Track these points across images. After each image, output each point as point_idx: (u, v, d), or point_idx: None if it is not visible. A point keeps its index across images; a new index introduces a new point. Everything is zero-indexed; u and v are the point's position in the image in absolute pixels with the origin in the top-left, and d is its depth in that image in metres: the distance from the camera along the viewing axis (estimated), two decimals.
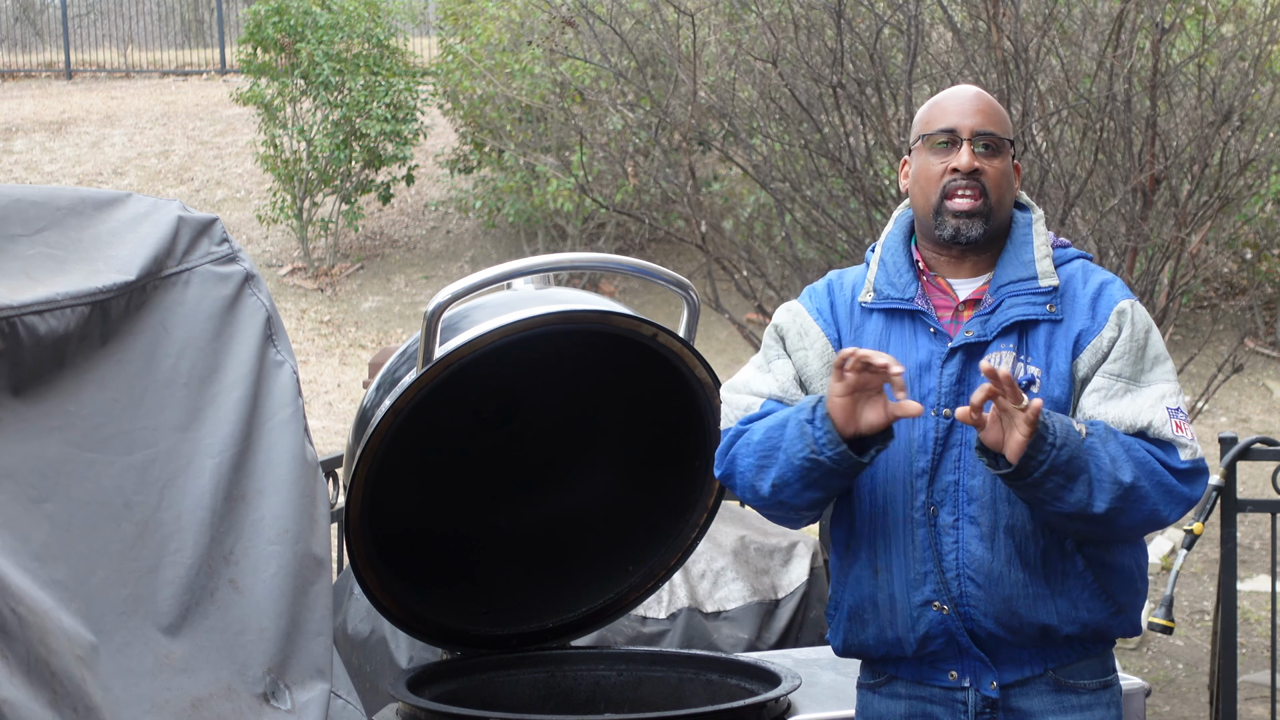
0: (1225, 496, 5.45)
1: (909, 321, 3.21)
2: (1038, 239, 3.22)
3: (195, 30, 25.61)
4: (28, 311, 2.66)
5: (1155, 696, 7.08)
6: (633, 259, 3.80)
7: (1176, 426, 3.09)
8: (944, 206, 3.17)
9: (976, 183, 3.16)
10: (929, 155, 3.20)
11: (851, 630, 3.26)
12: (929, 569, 3.14)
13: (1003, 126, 3.21)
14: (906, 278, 3.23)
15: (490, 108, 14.04)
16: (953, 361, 3.15)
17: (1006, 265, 3.20)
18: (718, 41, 8.46)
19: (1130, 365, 3.12)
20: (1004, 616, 3.12)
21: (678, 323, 3.73)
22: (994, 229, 3.19)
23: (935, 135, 3.20)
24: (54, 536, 2.62)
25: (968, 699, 3.17)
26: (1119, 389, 3.10)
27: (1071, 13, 7.56)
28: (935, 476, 3.13)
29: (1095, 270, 3.23)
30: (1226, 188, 7.54)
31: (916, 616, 3.15)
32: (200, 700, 2.70)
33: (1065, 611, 3.13)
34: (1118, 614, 3.17)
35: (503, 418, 3.90)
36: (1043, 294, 3.16)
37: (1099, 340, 3.13)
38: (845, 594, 3.25)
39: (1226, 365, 8.47)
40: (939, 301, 3.22)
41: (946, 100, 3.25)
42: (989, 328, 3.14)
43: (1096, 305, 3.16)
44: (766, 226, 11.03)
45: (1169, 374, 3.15)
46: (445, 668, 3.76)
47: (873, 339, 3.23)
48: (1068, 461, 2.96)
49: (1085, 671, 3.19)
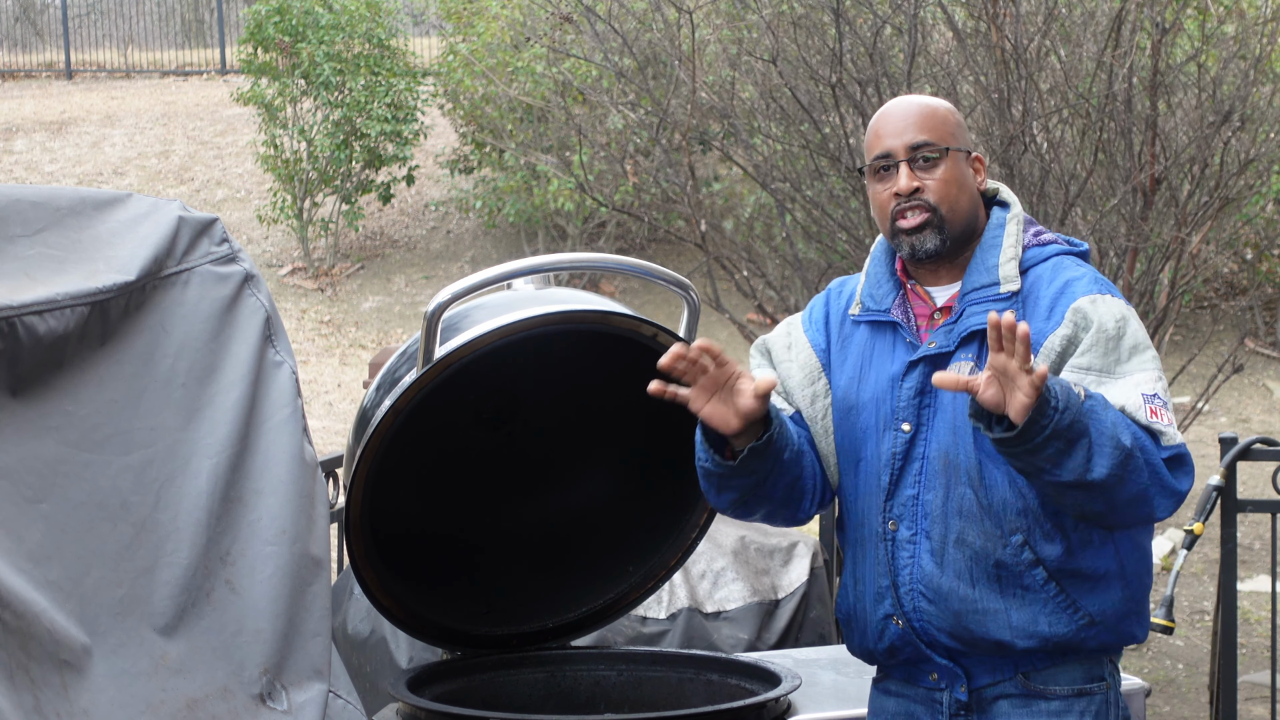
0: (1225, 496, 5.45)
1: (890, 333, 3.21)
2: (1006, 240, 3.17)
3: (195, 30, 25.61)
4: (27, 312, 2.65)
5: (1155, 696, 7.07)
6: (633, 259, 3.80)
7: (1152, 412, 2.98)
8: (896, 228, 3.16)
9: (919, 200, 3.14)
10: (875, 183, 3.20)
11: (847, 636, 3.32)
12: (887, 584, 3.15)
13: (940, 131, 3.16)
14: (885, 288, 3.22)
15: (491, 107, 14.05)
16: (913, 375, 3.13)
17: (973, 272, 3.17)
18: (718, 41, 8.46)
19: (1101, 357, 3.03)
20: (956, 630, 3.11)
21: (678, 323, 3.73)
22: (954, 234, 3.15)
23: (874, 162, 3.19)
24: (49, 537, 2.61)
25: (944, 700, 3.18)
26: (1090, 381, 3.01)
27: (1071, 13, 7.55)
28: (895, 491, 3.13)
29: (1066, 268, 3.15)
30: (1227, 188, 7.53)
31: (880, 629, 3.18)
32: (196, 701, 2.70)
33: (1022, 625, 3.07)
34: (1090, 626, 3.08)
35: (503, 418, 3.90)
36: (1002, 300, 3.11)
37: (1050, 341, 3.06)
38: (840, 602, 3.31)
39: (1226, 365, 8.47)
40: (919, 310, 3.21)
41: (879, 123, 3.22)
42: (951, 338, 3.12)
43: (1055, 305, 3.09)
44: (767, 226, 11.03)
45: (1147, 363, 3.05)
46: (445, 668, 3.76)
47: (858, 350, 3.24)
48: (1069, 426, 2.85)
49: (1060, 677, 3.13)
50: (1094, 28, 7.40)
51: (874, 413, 3.18)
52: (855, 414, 3.21)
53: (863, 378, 3.21)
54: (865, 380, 3.20)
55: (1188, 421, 8.60)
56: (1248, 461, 5.52)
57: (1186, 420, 8.59)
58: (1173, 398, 11.25)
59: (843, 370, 3.25)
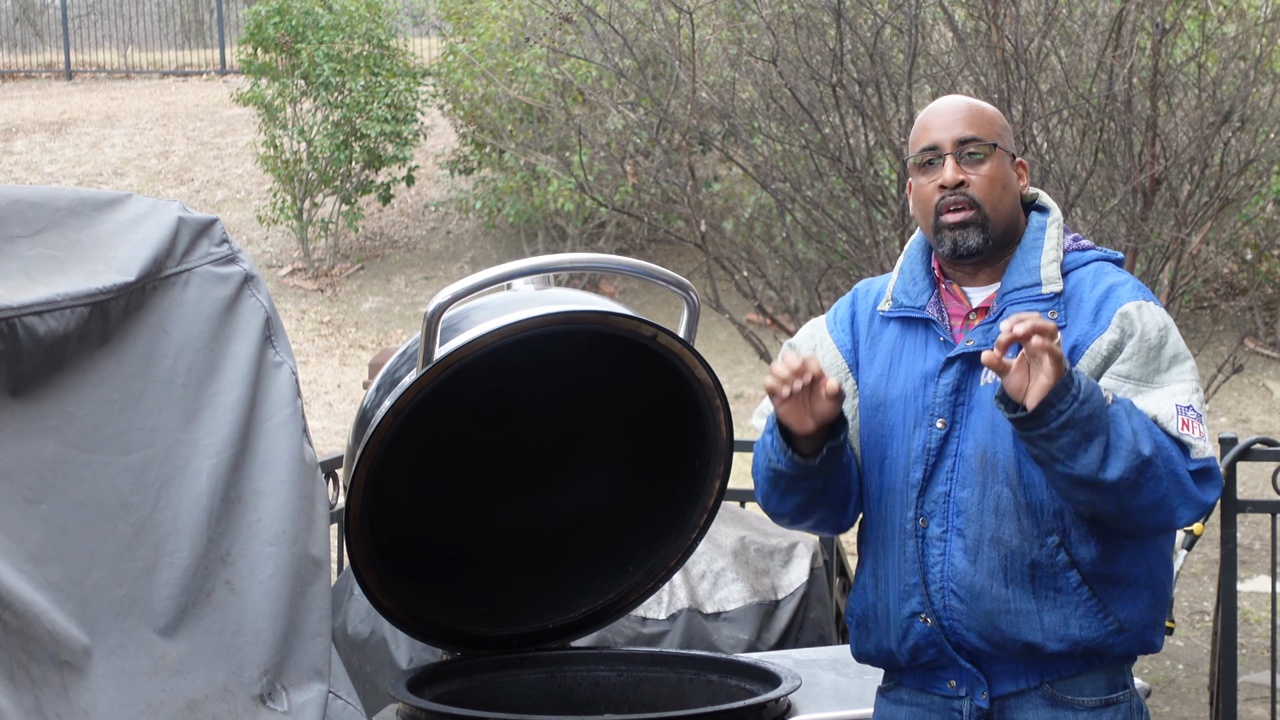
0: (1225, 497, 5.46)
1: (922, 330, 3.20)
2: (1048, 243, 3.18)
3: (195, 31, 25.61)
4: (27, 312, 2.65)
5: (1155, 696, 7.08)
6: (633, 259, 3.79)
7: (1183, 424, 3.00)
8: (940, 223, 3.16)
9: (964, 195, 3.14)
10: (919, 176, 3.20)
11: (859, 638, 3.28)
12: (915, 581, 3.13)
13: (988, 129, 3.18)
14: (921, 285, 3.22)
15: (491, 108, 14.05)
16: (950, 371, 3.14)
17: (1013, 272, 3.17)
18: (718, 41, 8.46)
19: (1140, 366, 3.05)
20: (986, 631, 3.09)
21: (678, 323, 3.72)
22: (996, 235, 3.16)
23: (920, 155, 3.19)
24: (49, 537, 2.61)
25: (964, 708, 3.15)
26: (1128, 389, 3.03)
27: (1072, 13, 7.55)
28: (927, 488, 3.12)
29: (1109, 273, 3.17)
30: (1227, 188, 7.54)
31: (905, 628, 3.16)
32: (195, 702, 2.70)
33: (1053, 628, 3.06)
34: (1119, 632, 3.08)
35: (503, 418, 3.90)
36: (1044, 301, 3.12)
37: (1098, 344, 3.07)
38: (855, 602, 3.27)
39: (1226, 365, 8.47)
40: (954, 310, 3.21)
41: (928, 117, 3.23)
42: (990, 337, 3.11)
43: (1100, 309, 3.10)
44: (767, 226, 11.03)
45: (1185, 374, 3.06)
46: (445, 668, 3.76)
47: (887, 347, 3.24)
48: (1087, 418, 2.89)
49: (1086, 687, 3.11)
50: (1094, 28, 7.40)
51: (902, 409, 3.18)
52: (883, 410, 3.22)
53: (891, 374, 3.21)
54: (894, 377, 3.20)
55: None
56: (1248, 461, 5.52)
57: None
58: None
59: (871, 368, 3.25)
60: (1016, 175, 3.22)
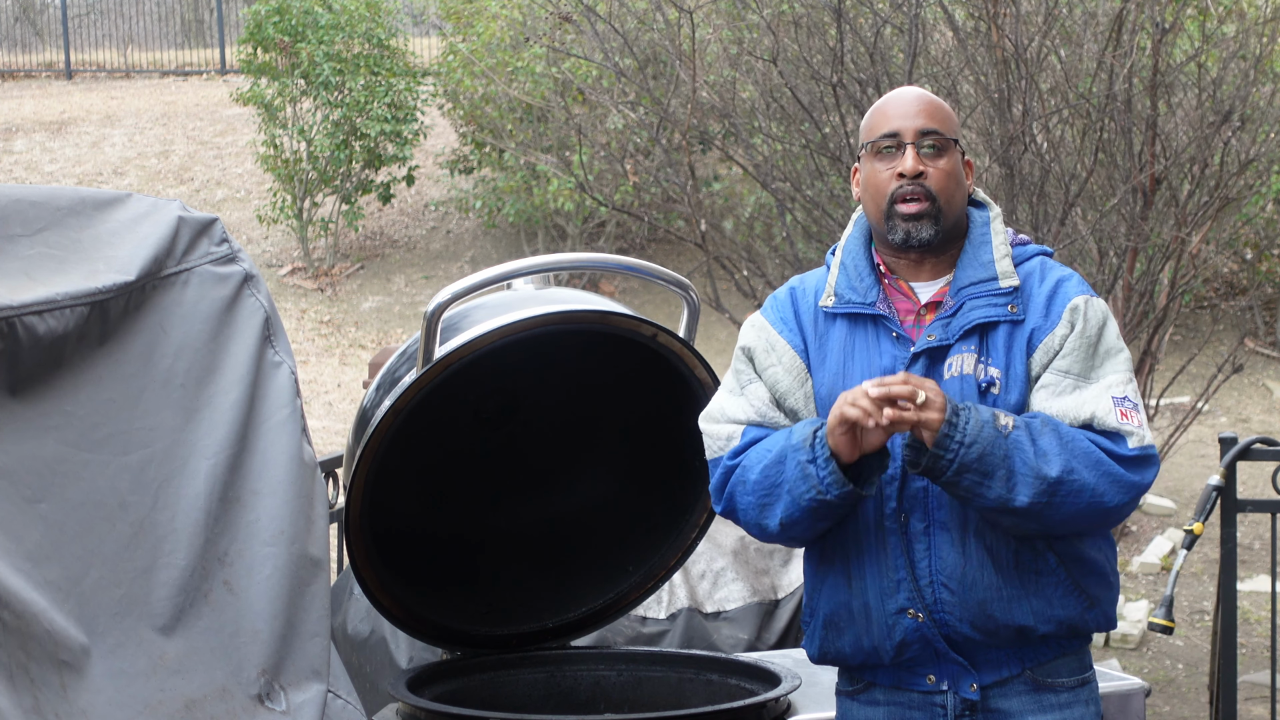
0: (1225, 496, 5.45)
1: (871, 326, 3.19)
2: (996, 238, 3.20)
3: (195, 30, 25.62)
4: (27, 312, 2.65)
5: (1155, 696, 7.08)
6: (633, 259, 3.80)
7: (1122, 415, 3.06)
8: (893, 211, 3.16)
9: (921, 187, 3.14)
10: (875, 162, 3.19)
11: (828, 638, 3.24)
12: (902, 576, 3.13)
13: (947, 125, 3.19)
14: (868, 281, 3.21)
15: (491, 107, 14.05)
16: (915, 366, 3.13)
17: (966, 266, 3.18)
18: (718, 41, 8.46)
19: (1080, 362, 3.10)
20: (979, 620, 3.11)
21: (678, 323, 3.73)
22: (947, 229, 3.17)
23: (880, 140, 3.18)
24: (48, 537, 2.61)
25: (946, 702, 3.16)
26: (1067, 385, 3.09)
27: (1072, 13, 7.56)
28: (905, 483, 3.12)
29: (1053, 267, 3.21)
30: (1226, 188, 7.54)
31: (892, 624, 3.14)
32: (194, 701, 2.70)
33: (1040, 610, 3.11)
34: (1091, 608, 3.16)
35: (503, 418, 3.90)
36: (1004, 295, 3.14)
37: (1051, 338, 3.12)
38: (820, 601, 3.23)
39: (1226, 365, 8.47)
40: (901, 305, 3.20)
41: (888, 104, 3.23)
42: (950, 331, 3.13)
43: (1051, 303, 3.14)
44: (767, 226, 11.03)
45: (1119, 365, 3.13)
46: (445, 668, 3.76)
47: (837, 345, 3.21)
48: (979, 459, 2.95)
49: (1063, 669, 3.18)
50: (1094, 28, 7.41)
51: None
52: None
53: (847, 372, 3.19)
54: (850, 375, 3.18)
55: (1188, 421, 8.61)
56: (1248, 461, 5.52)
57: (1186, 420, 8.60)
58: (1173, 398, 11.21)
59: (824, 368, 3.22)
60: (965, 173, 3.24)
